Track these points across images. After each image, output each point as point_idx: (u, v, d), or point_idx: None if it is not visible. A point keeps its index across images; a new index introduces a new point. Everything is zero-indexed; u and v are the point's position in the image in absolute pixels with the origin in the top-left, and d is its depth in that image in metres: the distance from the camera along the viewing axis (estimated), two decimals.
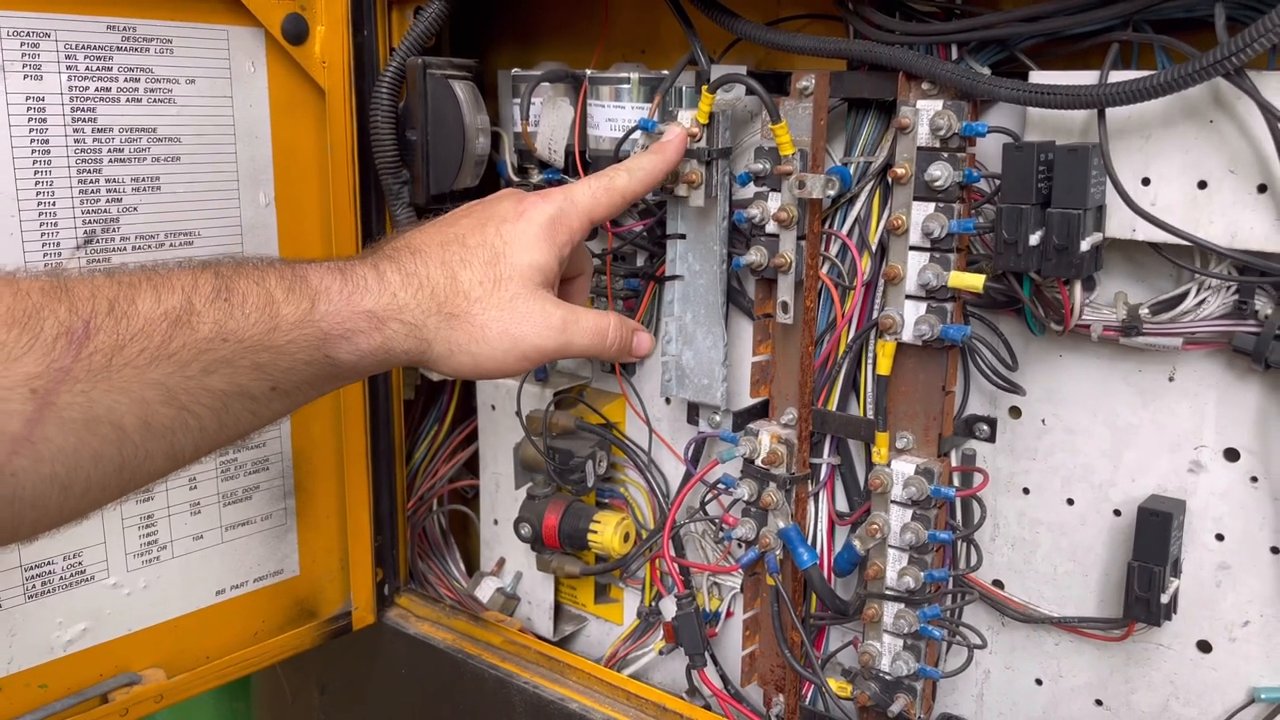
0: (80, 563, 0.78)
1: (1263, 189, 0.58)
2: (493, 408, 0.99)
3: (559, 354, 0.60)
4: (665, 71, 0.81)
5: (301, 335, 0.50)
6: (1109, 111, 0.61)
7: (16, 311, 0.42)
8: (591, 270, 0.72)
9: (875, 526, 0.72)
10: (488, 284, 0.57)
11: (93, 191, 0.74)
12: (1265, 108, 0.56)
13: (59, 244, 0.73)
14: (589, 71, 0.84)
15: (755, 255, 0.74)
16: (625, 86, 0.82)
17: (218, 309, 0.47)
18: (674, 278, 0.82)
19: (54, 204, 0.73)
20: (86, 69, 0.73)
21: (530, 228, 0.60)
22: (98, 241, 0.75)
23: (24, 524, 0.44)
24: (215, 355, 0.47)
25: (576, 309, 0.61)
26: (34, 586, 0.75)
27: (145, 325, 0.45)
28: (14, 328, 0.42)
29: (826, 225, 0.75)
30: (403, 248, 0.59)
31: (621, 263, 0.88)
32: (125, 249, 0.77)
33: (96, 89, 0.74)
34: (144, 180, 0.77)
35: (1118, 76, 0.59)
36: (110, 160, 0.75)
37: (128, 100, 0.75)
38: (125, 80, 0.75)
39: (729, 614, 0.89)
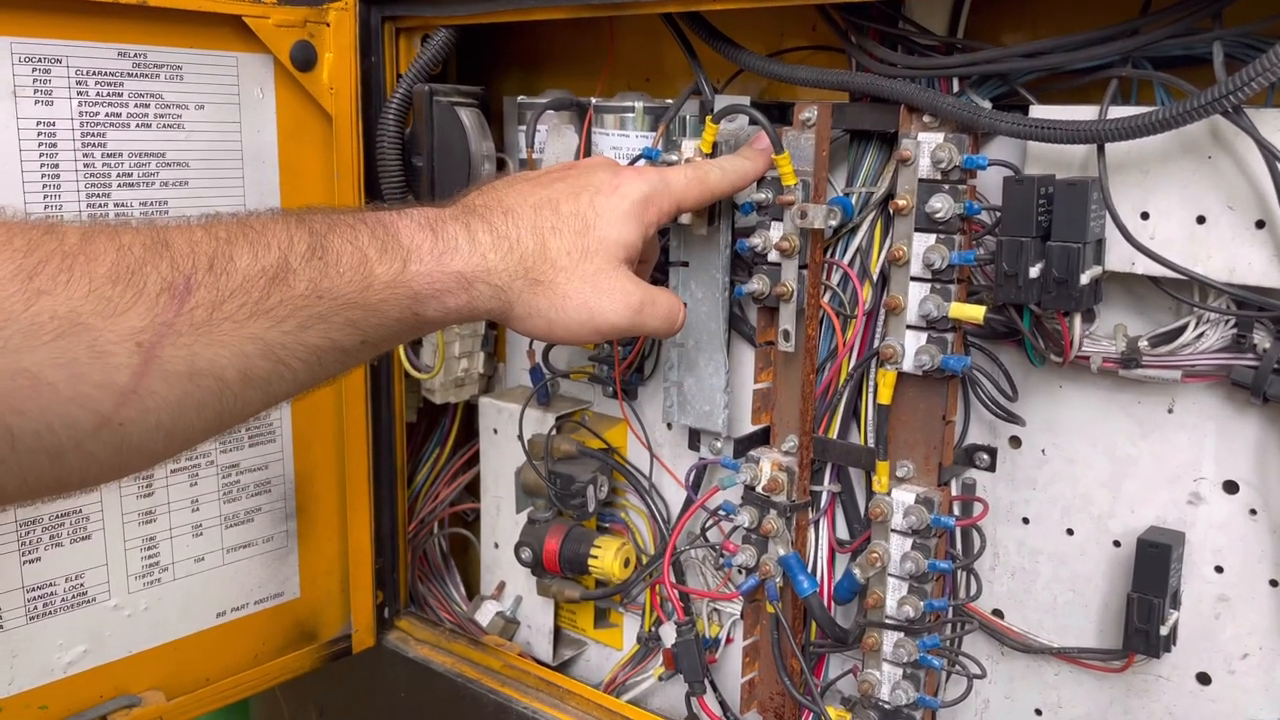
0: (82, 584, 0.78)
1: (1260, 225, 0.59)
2: (495, 431, 0.99)
3: (631, 332, 0.61)
4: (670, 100, 0.82)
5: (394, 294, 0.52)
6: (1108, 146, 0.62)
7: (120, 267, 0.43)
8: (657, 258, 0.72)
9: (875, 555, 0.72)
10: (575, 254, 0.58)
11: (101, 215, 0.75)
12: (1263, 145, 0.56)
13: None
14: (594, 100, 0.85)
15: (757, 284, 0.75)
16: (630, 115, 0.82)
17: (313, 267, 0.49)
18: None
19: None
20: (97, 95, 0.74)
21: (623, 203, 0.61)
22: None
23: (130, 466, 0.46)
24: (311, 311, 0.48)
25: (654, 290, 0.62)
26: (35, 608, 0.76)
27: (244, 281, 0.46)
28: (119, 283, 0.43)
29: (828, 254, 0.76)
30: (495, 205, 0.59)
31: None
32: None
33: (107, 114, 0.75)
34: (152, 204, 0.78)
35: (1117, 112, 0.60)
36: (119, 184, 0.76)
37: (137, 125, 0.76)
38: (135, 106, 0.76)
39: (729, 640, 0.89)
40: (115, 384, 0.43)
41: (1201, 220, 0.61)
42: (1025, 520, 0.75)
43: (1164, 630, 0.66)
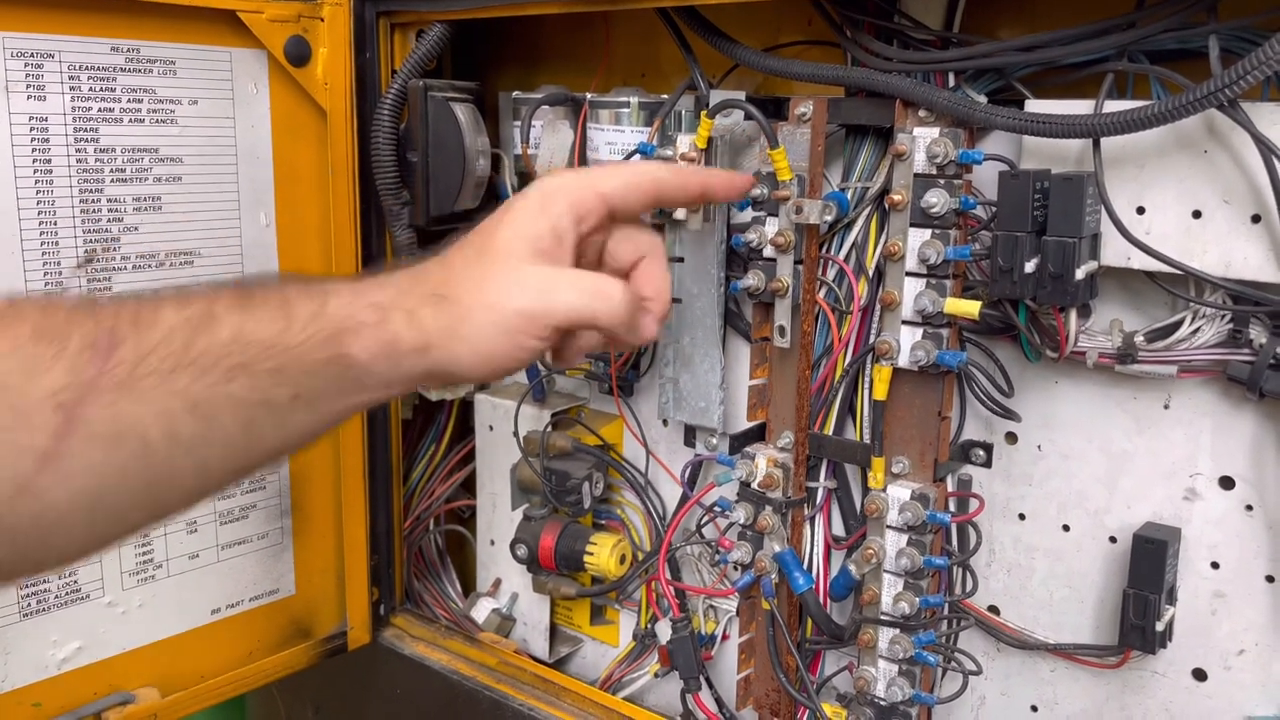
0: (75, 581, 0.78)
1: (1256, 219, 0.59)
2: (490, 428, 0.99)
3: (548, 316, 0.53)
4: (665, 96, 0.81)
5: (316, 331, 0.49)
6: (1104, 141, 0.61)
7: (44, 326, 0.42)
8: (661, 251, 0.62)
9: (871, 552, 0.72)
10: (472, 260, 0.54)
11: (94, 211, 0.75)
12: (1259, 139, 0.56)
13: (60, 263, 0.74)
14: (589, 95, 0.85)
15: (753, 279, 0.75)
16: (625, 110, 0.82)
17: (236, 313, 0.47)
18: (672, 300, 0.82)
19: (55, 223, 0.73)
20: (90, 89, 0.74)
21: (525, 200, 0.57)
22: (98, 260, 0.75)
23: (52, 547, 0.44)
24: (234, 360, 0.46)
25: (567, 269, 0.55)
26: (29, 605, 0.75)
27: (168, 333, 0.45)
28: (41, 342, 0.42)
29: (824, 250, 0.76)
30: (426, 254, 0.58)
31: None
32: (126, 268, 0.77)
33: (99, 109, 0.74)
34: (145, 200, 0.78)
35: (1113, 106, 0.60)
36: (112, 180, 0.76)
37: (130, 121, 0.76)
38: (128, 101, 0.76)
39: (725, 637, 0.88)
40: (34, 447, 0.41)
41: (1197, 215, 0.60)
42: (1021, 516, 0.74)
43: (1160, 626, 0.66)
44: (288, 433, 0.50)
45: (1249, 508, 0.65)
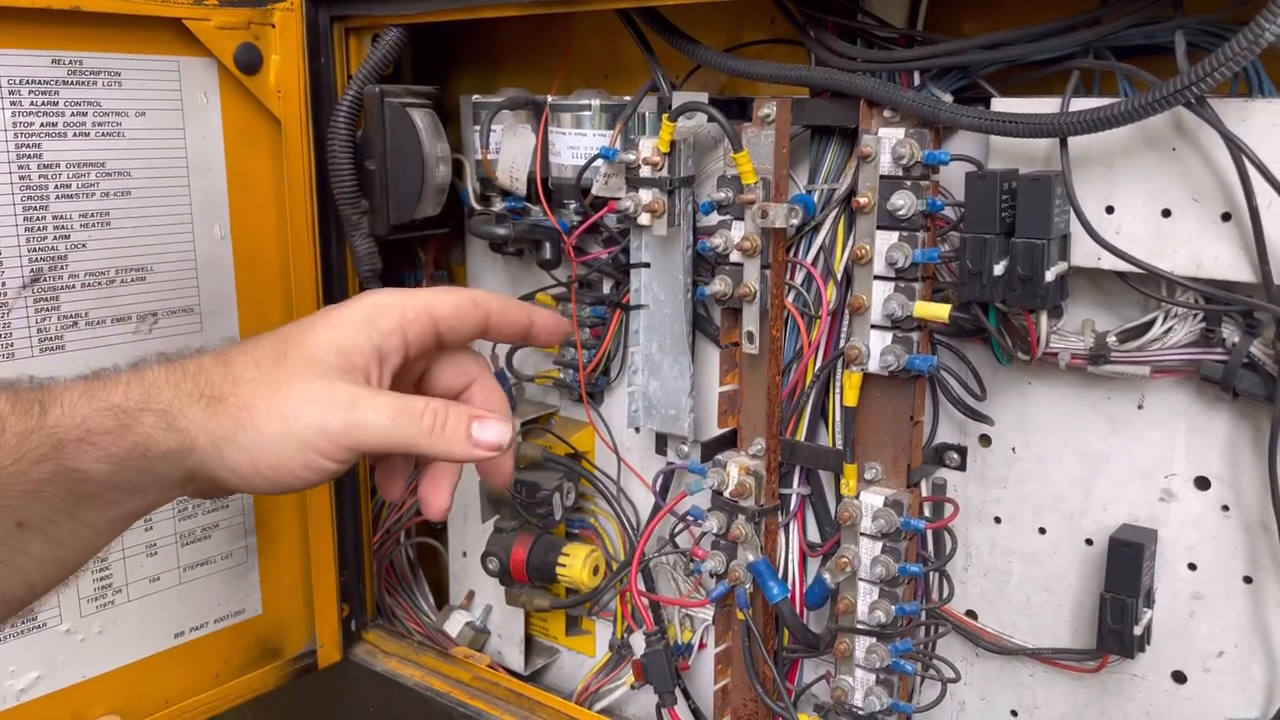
0: (31, 609, 0.75)
1: (1226, 218, 0.58)
2: None
3: (350, 437, 0.47)
4: (628, 97, 0.80)
5: (33, 448, 0.42)
6: (1072, 139, 0.60)
7: None
8: (491, 374, 0.56)
9: (845, 560, 0.71)
10: (265, 364, 0.47)
11: (39, 229, 0.73)
12: (1227, 137, 0.55)
13: (4, 283, 0.71)
14: (550, 98, 0.83)
15: (720, 284, 0.73)
16: (587, 114, 0.80)
17: None
18: (639, 307, 0.80)
19: None
20: (31, 104, 0.71)
21: (344, 313, 0.50)
22: (45, 280, 0.73)
23: None
24: None
25: (379, 390, 0.49)
26: None
27: None
28: None
29: (791, 253, 0.74)
30: (188, 353, 0.50)
31: (587, 290, 0.87)
32: (75, 286, 0.75)
33: (42, 124, 0.72)
34: (93, 216, 0.75)
35: (1080, 104, 0.59)
36: (57, 196, 0.73)
37: (75, 135, 0.74)
38: (72, 115, 0.73)
39: (702, 645, 0.87)
40: None
41: (1167, 214, 0.59)
42: (997, 520, 0.73)
43: (1138, 630, 0.65)
44: (20, 568, 0.43)
45: (1225, 508, 0.65)
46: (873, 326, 0.68)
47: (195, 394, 0.46)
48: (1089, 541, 0.70)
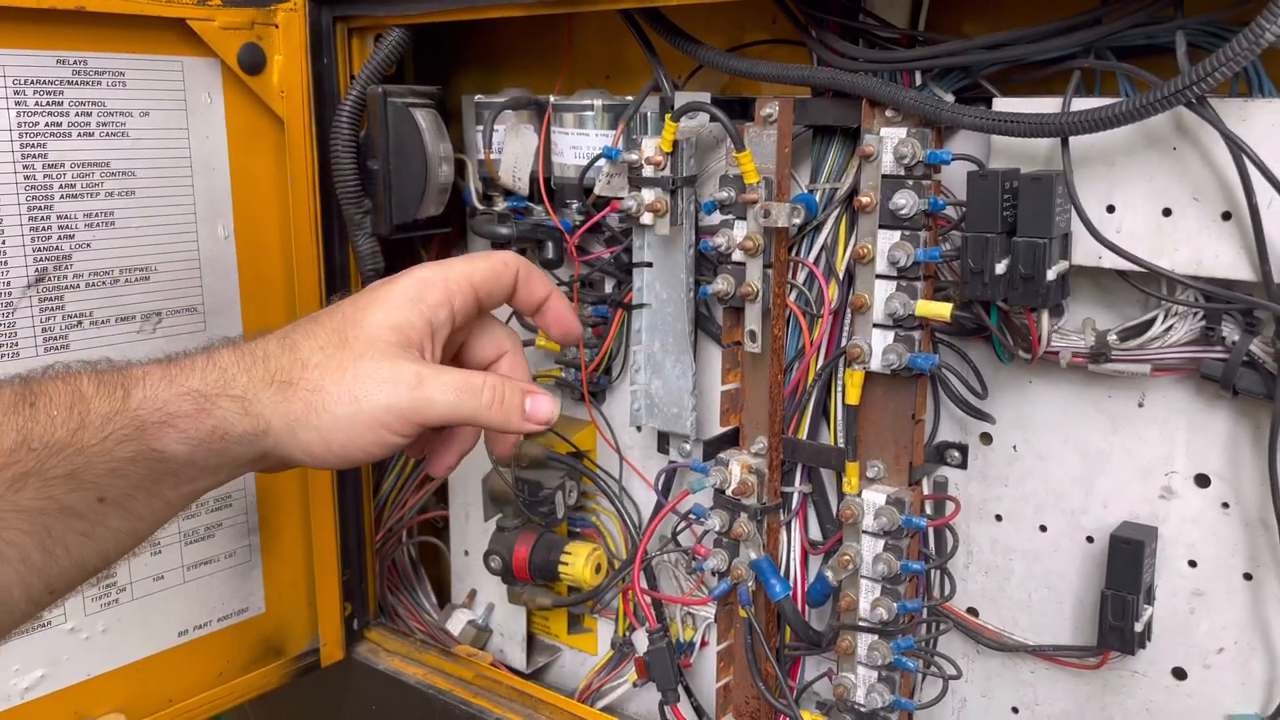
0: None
1: (1227, 216, 0.58)
2: None
3: (418, 414, 0.50)
4: (630, 97, 0.80)
5: (117, 429, 0.44)
6: (1073, 139, 0.60)
7: None
8: (520, 347, 0.60)
9: (847, 558, 0.71)
10: (330, 348, 0.50)
11: (44, 229, 0.73)
12: (1228, 137, 0.55)
13: (9, 283, 0.71)
14: (552, 98, 0.83)
15: (722, 284, 0.73)
16: (589, 114, 0.81)
17: (20, 416, 0.42)
18: (641, 306, 0.81)
19: (3, 242, 0.71)
20: (36, 104, 0.71)
21: (393, 290, 0.52)
22: (50, 279, 0.73)
23: None
24: (21, 468, 0.41)
25: (440, 366, 0.52)
26: None
27: None
28: None
29: (793, 253, 0.75)
30: (252, 336, 0.52)
31: (590, 289, 0.87)
32: (79, 285, 0.75)
33: (46, 124, 0.72)
34: (97, 216, 0.75)
35: (1081, 104, 0.59)
36: (62, 196, 0.73)
37: (79, 135, 0.74)
38: (76, 115, 0.73)
39: (704, 643, 0.87)
40: None
41: (1168, 213, 0.60)
42: (998, 518, 0.74)
43: (1138, 626, 0.65)
44: (100, 540, 0.45)
45: (1225, 505, 0.65)
46: (875, 325, 0.68)
47: (267, 379, 0.48)
48: (1090, 539, 0.70)
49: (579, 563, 0.88)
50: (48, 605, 0.45)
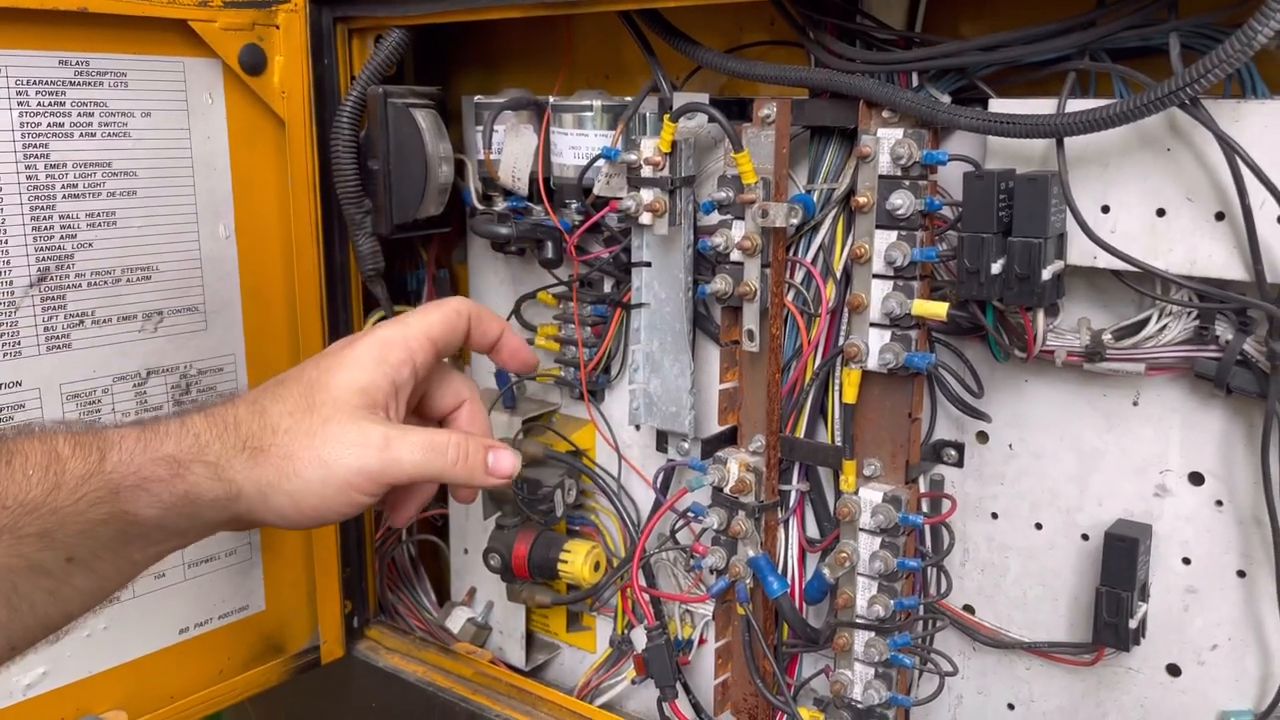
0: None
1: (1220, 217, 0.58)
2: None
3: (386, 475, 0.51)
4: (629, 98, 0.81)
5: (90, 491, 0.45)
6: (1068, 140, 0.61)
7: None
8: (478, 396, 0.63)
9: (844, 555, 0.72)
10: (298, 413, 0.51)
11: (46, 228, 0.73)
12: (1221, 138, 0.56)
13: (11, 282, 0.72)
14: (552, 99, 0.84)
15: (720, 283, 0.74)
16: (588, 114, 0.81)
17: None
18: (640, 305, 0.81)
19: (5, 241, 0.71)
20: (38, 104, 0.72)
21: (356, 351, 0.54)
22: (52, 279, 0.74)
23: None
24: None
25: (406, 427, 0.53)
26: None
27: None
28: None
29: (791, 252, 0.75)
30: (221, 399, 0.54)
31: (588, 289, 0.87)
32: (81, 285, 0.75)
33: (49, 124, 0.73)
34: (99, 215, 0.76)
35: (1076, 105, 0.60)
36: (64, 196, 0.74)
37: (81, 135, 0.74)
38: (78, 115, 0.74)
39: (702, 641, 0.88)
40: None
41: (1161, 213, 0.60)
42: (994, 515, 0.74)
43: (1133, 623, 0.66)
44: (65, 598, 0.46)
45: (1219, 503, 0.65)
46: (871, 324, 0.69)
47: (239, 445, 0.49)
48: (1085, 536, 0.71)
49: (578, 560, 0.88)
50: (6, 661, 0.45)
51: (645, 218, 0.76)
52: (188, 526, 0.49)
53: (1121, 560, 0.66)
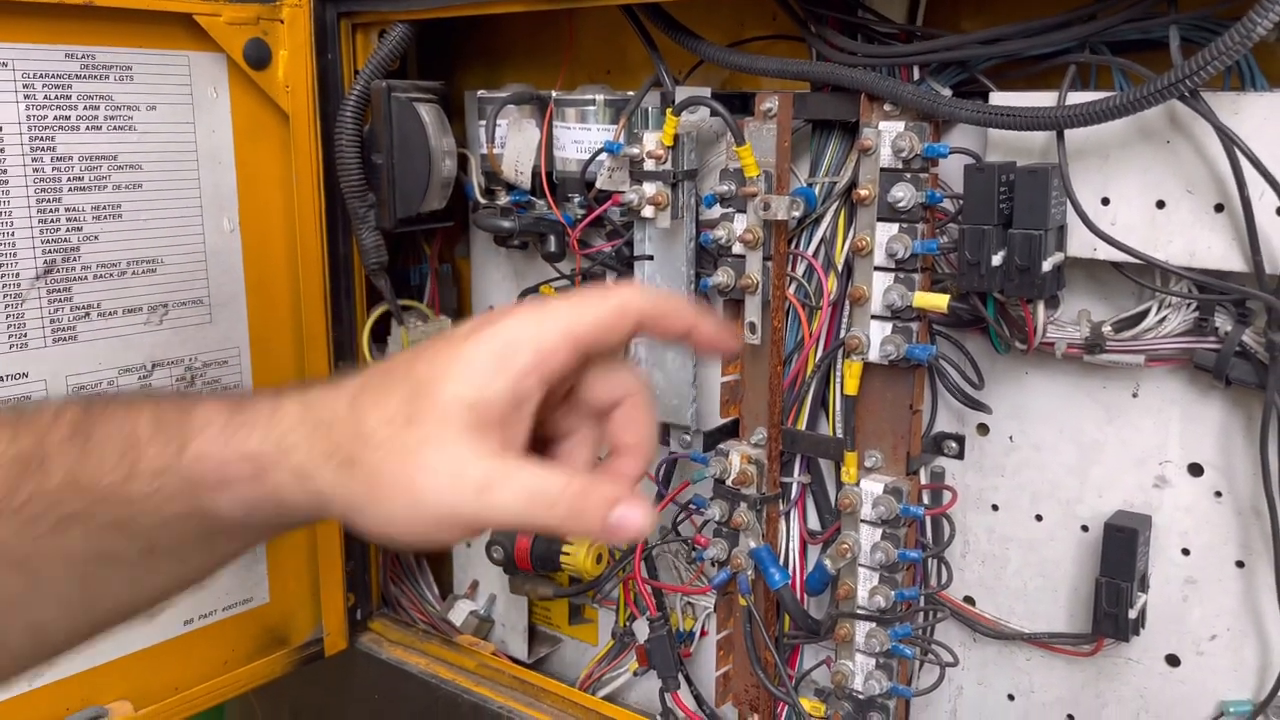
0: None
1: (1219, 208, 0.59)
2: None
3: (479, 522, 0.43)
4: (631, 92, 0.81)
5: (165, 484, 0.41)
6: (1068, 132, 0.61)
7: None
8: (647, 392, 0.49)
9: (845, 546, 0.72)
10: (397, 423, 0.43)
11: (52, 221, 0.74)
12: (1220, 130, 0.56)
13: (18, 274, 0.72)
14: (554, 93, 0.84)
15: (722, 276, 0.74)
16: (591, 109, 0.82)
17: (71, 452, 0.39)
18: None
19: (13, 234, 0.72)
20: (45, 98, 0.72)
21: (476, 351, 0.44)
22: (58, 271, 0.74)
23: None
24: (66, 509, 0.39)
25: (513, 464, 0.43)
26: None
27: None
28: None
29: (793, 245, 0.76)
30: (330, 379, 0.47)
31: (591, 282, 0.88)
32: (86, 277, 0.76)
33: (55, 117, 0.73)
34: (105, 208, 0.76)
35: (1076, 98, 0.60)
36: (70, 189, 0.74)
37: (87, 128, 0.75)
38: (85, 108, 0.74)
39: (704, 633, 0.88)
40: None
41: (1161, 205, 0.61)
42: (994, 507, 0.75)
43: (1132, 614, 0.66)
44: (146, 587, 0.43)
45: (1218, 494, 0.66)
46: (873, 317, 0.69)
47: (328, 453, 0.43)
48: (1085, 528, 0.71)
49: (580, 553, 0.89)
50: (90, 639, 0.43)
51: (648, 211, 0.76)
52: (275, 524, 0.44)
53: (1121, 551, 0.67)
